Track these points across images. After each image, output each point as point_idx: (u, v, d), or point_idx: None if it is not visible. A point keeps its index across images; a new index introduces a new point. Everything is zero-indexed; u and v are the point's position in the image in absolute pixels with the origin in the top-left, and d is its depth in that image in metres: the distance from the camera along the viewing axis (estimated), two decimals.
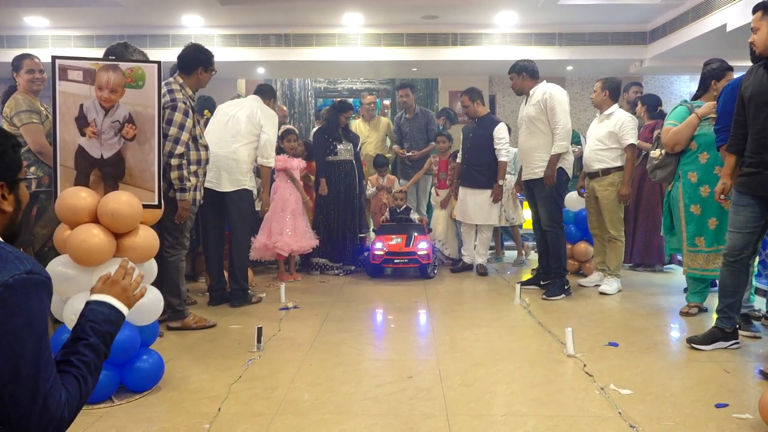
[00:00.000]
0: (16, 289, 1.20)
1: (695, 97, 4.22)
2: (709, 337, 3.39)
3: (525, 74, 4.85)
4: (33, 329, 1.22)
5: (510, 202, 6.22)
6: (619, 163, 4.86)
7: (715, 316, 3.55)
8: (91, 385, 1.40)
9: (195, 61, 3.93)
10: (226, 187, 4.47)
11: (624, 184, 4.83)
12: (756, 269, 4.09)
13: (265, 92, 4.93)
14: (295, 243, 5.42)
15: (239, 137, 4.52)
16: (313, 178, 5.94)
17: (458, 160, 5.99)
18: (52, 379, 1.27)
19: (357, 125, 7.09)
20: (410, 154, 6.57)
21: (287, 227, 5.42)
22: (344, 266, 5.87)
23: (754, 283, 4.09)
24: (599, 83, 4.98)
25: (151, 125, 2.93)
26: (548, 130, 4.74)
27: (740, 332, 3.50)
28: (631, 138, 4.80)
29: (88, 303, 1.56)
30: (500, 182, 5.63)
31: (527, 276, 5.55)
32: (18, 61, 3.95)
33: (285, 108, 7.10)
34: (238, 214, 4.55)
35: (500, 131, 5.61)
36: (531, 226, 5.41)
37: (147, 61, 3.28)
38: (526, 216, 6.28)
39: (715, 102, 3.80)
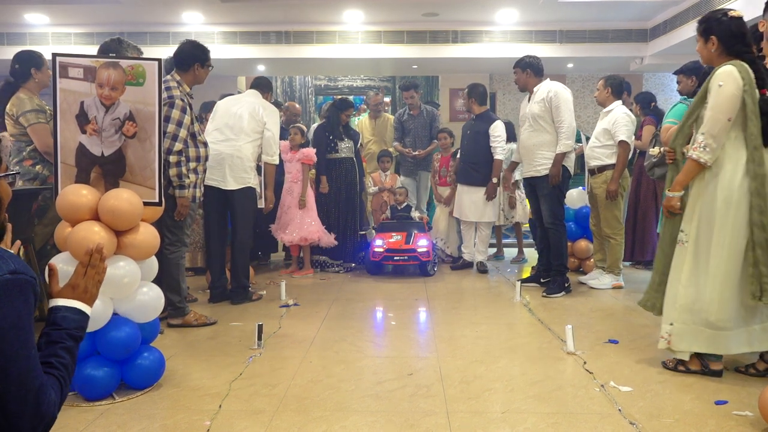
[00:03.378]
0: (0, 290, 1.19)
1: (695, 95, 4.21)
2: None
3: (530, 71, 4.84)
4: (19, 329, 1.22)
5: (506, 200, 6.19)
6: (613, 161, 4.87)
7: None
8: (68, 388, 1.40)
9: (191, 57, 3.93)
10: (232, 185, 4.47)
11: (612, 180, 4.83)
12: None
13: (263, 86, 4.88)
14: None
15: (243, 135, 4.51)
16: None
17: (457, 156, 5.99)
18: (40, 377, 1.27)
19: (363, 122, 7.08)
20: (416, 153, 6.54)
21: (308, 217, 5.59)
22: (344, 263, 5.88)
23: None
24: (601, 81, 5.01)
25: (151, 123, 2.93)
26: (552, 128, 4.73)
27: None
28: (622, 135, 4.78)
29: (58, 309, 1.48)
30: (494, 180, 5.62)
31: (527, 273, 5.56)
32: (41, 59, 3.91)
33: (298, 106, 7.07)
34: (243, 212, 4.55)
35: (496, 129, 5.60)
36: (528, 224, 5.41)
37: (148, 58, 3.27)
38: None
39: None
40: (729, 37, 2.79)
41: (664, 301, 2.99)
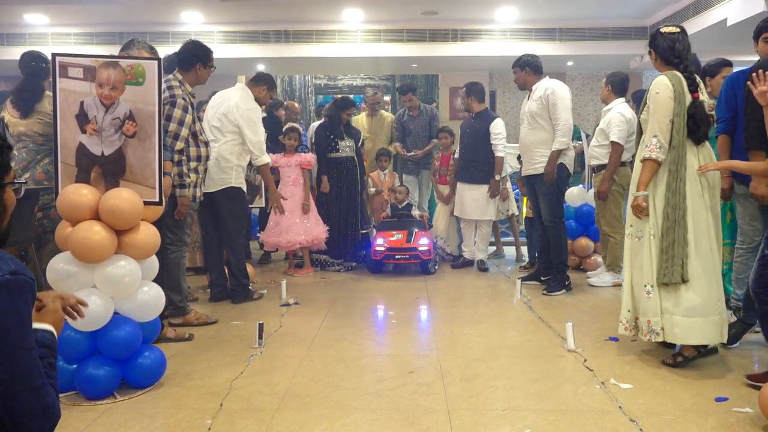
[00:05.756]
0: (1, 291, 1.22)
1: None
2: (740, 332, 3.35)
3: (528, 69, 4.84)
4: (21, 328, 1.25)
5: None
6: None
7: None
8: (58, 399, 1.40)
9: (193, 57, 3.93)
10: (211, 187, 4.39)
11: (602, 180, 4.81)
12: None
13: (256, 79, 4.75)
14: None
15: (219, 135, 4.43)
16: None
17: (456, 154, 5.99)
18: (43, 376, 1.29)
19: (360, 120, 7.08)
20: (412, 154, 6.52)
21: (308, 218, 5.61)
22: (345, 262, 5.88)
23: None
24: (604, 79, 5.01)
25: (151, 122, 2.93)
26: (549, 126, 4.73)
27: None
28: (613, 135, 4.73)
29: (37, 330, 1.47)
30: (497, 177, 5.62)
31: (527, 271, 5.56)
32: None
33: (297, 105, 7.05)
34: (229, 213, 4.50)
35: (497, 127, 5.61)
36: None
37: (147, 57, 3.27)
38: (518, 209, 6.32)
39: (711, 99, 3.90)
40: (661, 50, 3.16)
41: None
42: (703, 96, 3.12)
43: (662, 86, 3.06)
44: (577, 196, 5.63)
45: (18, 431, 1.26)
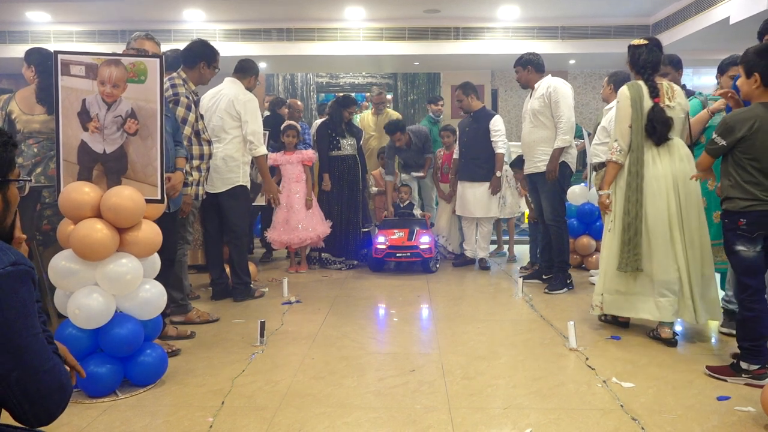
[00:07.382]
0: (4, 281, 1.24)
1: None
2: None
3: (530, 67, 4.84)
4: (26, 317, 1.27)
5: (508, 191, 6.15)
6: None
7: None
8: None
9: (198, 55, 3.93)
10: (219, 187, 4.39)
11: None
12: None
13: (244, 70, 4.64)
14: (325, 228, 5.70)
15: (223, 134, 4.40)
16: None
17: (455, 155, 5.98)
18: (52, 358, 1.33)
19: (366, 118, 7.04)
20: (420, 174, 6.45)
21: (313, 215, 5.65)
22: (346, 261, 5.88)
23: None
24: (606, 78, 5.02)
25: (153, 120, 2.93)
26: (551, 123, 4.73)
27: (721, 328, 3.63)
28: None
29: None
30: (497, 174, 5.62)
31: (528, 270, 5.56)
32: None
33: (300, 103, 7.02)
34: (234, 211, 4.49)
35: (496, 123, 5.61)
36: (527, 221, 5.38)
37: (149, 55, 3.27)
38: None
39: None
40: (632, 62, 3.53)
41: (597, 278, 3.67)
42: (671, 102, 3.41)
43: (622, 96, 3.45)
44: (578, 194, 5.62)
45: (36, 410, 1.30)
